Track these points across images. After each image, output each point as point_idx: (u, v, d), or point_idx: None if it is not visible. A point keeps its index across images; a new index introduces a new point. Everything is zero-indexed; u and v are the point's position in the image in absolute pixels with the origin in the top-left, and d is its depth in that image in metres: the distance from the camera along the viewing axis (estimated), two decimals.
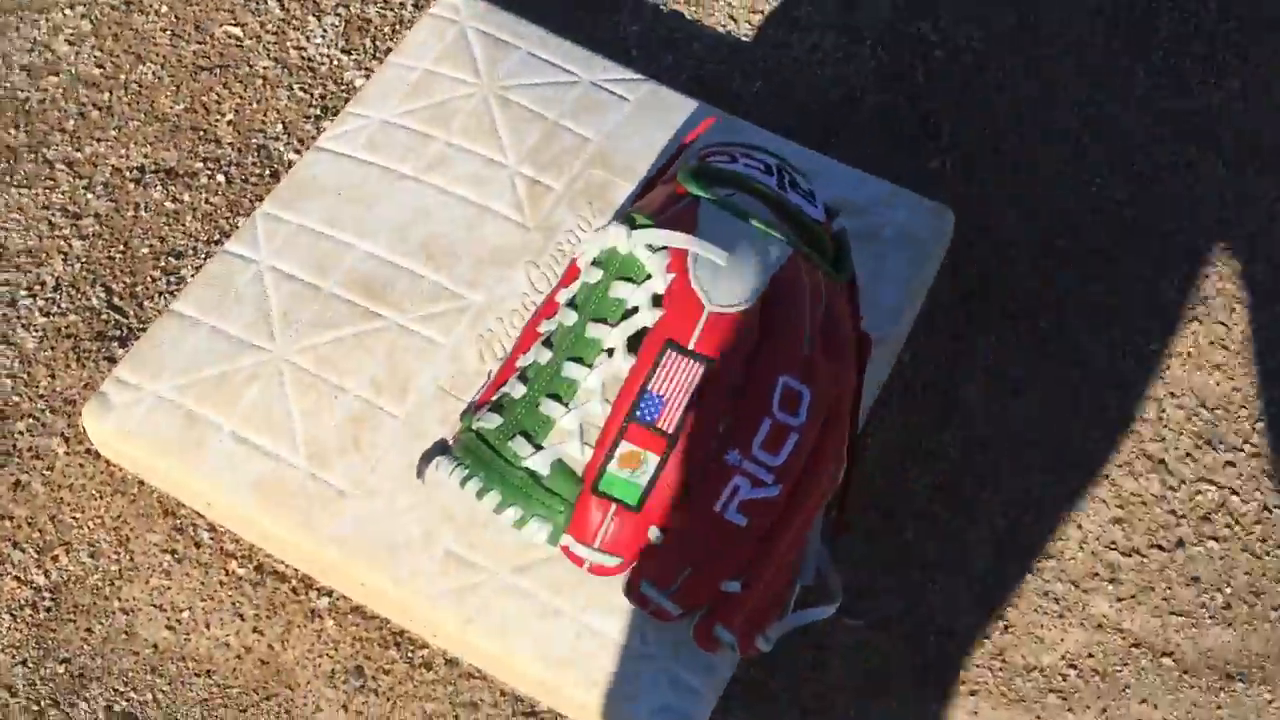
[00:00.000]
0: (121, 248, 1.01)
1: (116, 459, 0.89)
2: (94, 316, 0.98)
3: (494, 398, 0.75)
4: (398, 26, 1.12)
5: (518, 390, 0.73)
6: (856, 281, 0.84)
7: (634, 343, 0.70)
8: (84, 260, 1.00)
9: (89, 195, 1.03)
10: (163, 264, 1.00)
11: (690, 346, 0.68)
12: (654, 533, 0.70)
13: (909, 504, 0.94)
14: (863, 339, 0.81)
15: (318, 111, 1.06)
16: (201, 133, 1.04)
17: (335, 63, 1.08)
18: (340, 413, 0.86)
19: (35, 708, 0.84)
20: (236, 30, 1.07)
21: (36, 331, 0.97)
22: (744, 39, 1.15)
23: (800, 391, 0.70)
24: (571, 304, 0.74)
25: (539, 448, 0.71)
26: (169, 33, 1.06)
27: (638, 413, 0.68)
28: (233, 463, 0.85)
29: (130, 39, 1.05)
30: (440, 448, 0.75)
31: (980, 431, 0.97)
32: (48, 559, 0.89)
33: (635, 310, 0.70)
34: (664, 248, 0.70)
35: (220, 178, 1.04)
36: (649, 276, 0.70)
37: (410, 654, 0.86)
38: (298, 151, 1.05)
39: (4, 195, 1.00)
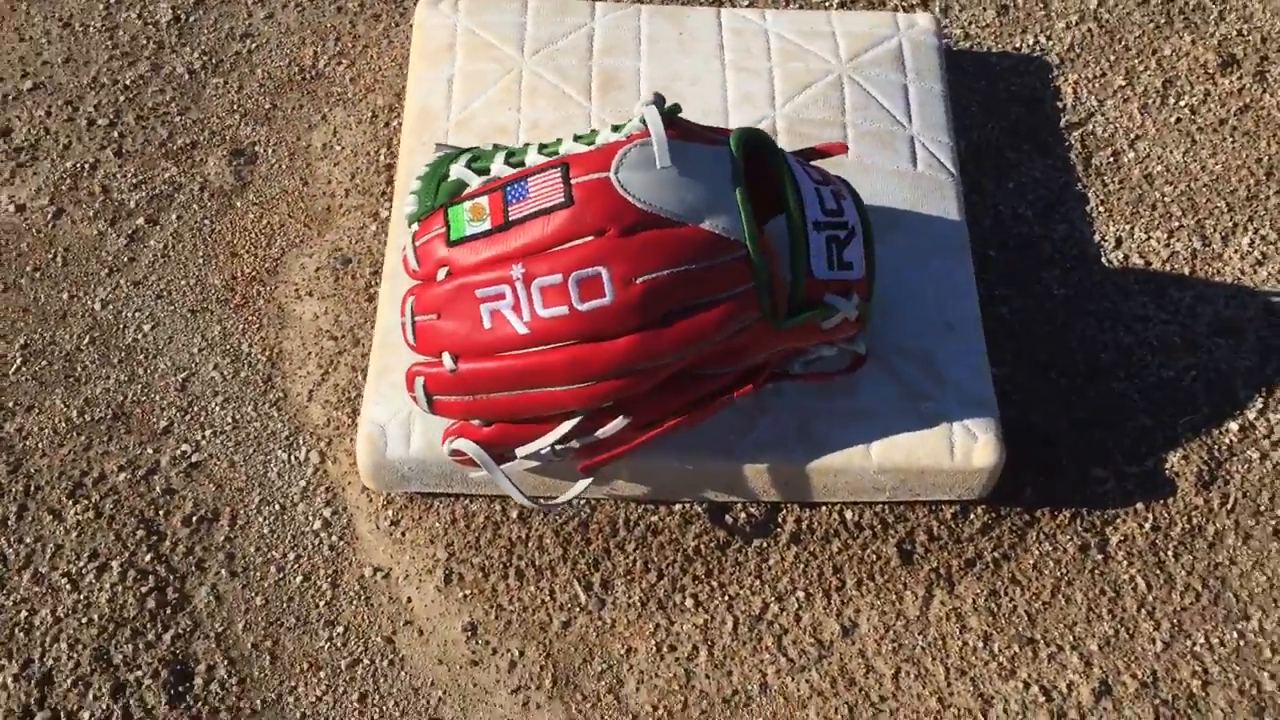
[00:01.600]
0: None
1: (413, 40, 1.15)
2: None
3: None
4: None
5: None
6: (806, 344, 0.84)
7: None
8: None
9: None
10: None
11: (573, 182, 0.76)
12: (442, 271, 0.80)
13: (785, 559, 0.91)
14: (744, 382, 0.82)
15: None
16: None
17: None
18: (502, 118, 1.04)
19: (205, 134, 1.15)
20: None
21: None
22: (1106, 263, 1.09)
23: (605, 292, 0.75)
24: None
25: (464, 168, 0.84)
26: None
27: (508, 188, 0.79)
28: (432, 88, 1.07)
29: None
30: (457, 149, 0.91)
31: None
32: (322, 57, 1.19)
33: (593, 144, 0.80)
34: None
35: None
36: (619, 134, 0.79)
37: (375, 288, 1.04)
38: (723, 3, 1.23)
39: None
